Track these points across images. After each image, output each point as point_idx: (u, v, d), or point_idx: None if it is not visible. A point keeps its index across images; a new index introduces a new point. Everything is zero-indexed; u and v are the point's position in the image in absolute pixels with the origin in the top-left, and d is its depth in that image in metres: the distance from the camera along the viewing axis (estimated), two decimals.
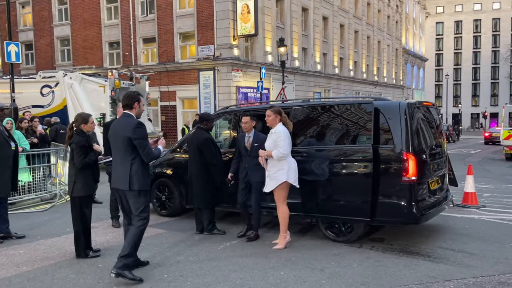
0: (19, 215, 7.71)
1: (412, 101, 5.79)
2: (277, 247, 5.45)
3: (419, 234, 6.07)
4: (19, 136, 8.15)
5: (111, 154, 6.63)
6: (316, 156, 5.70)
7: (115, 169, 4.59)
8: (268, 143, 5.42)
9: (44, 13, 27.76)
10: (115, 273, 4.29)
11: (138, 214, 4.46)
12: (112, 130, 4.69)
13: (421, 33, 59.87)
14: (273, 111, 5.47)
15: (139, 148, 4.39)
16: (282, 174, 5.31)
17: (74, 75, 15.26)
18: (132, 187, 4.41)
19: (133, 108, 4.56)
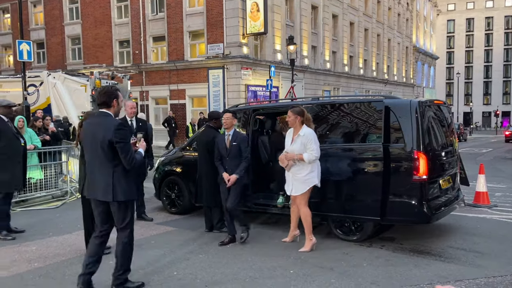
0: (31, 212, 7.80)
1: (423, 100, 5.74)
2: (303, 249, 5.28)
3: (429, 233, 6.02)
4: (31, 134, 8.25)
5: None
6: (325, 154, 5.67)
7: (92, 176, 3.96)
8: (296, 146, 5.21)
9: (55, 12, 28.01)
10: None
11: (124, 226, 3.99)
12: (86, 131, 4.05)
13: (432, 31, 59.29)
14: (294, 111, 5.29)
15: (121, 153, 3.79)
16: (313, 176, 5.19)
17: (57, 75, 15.74)
18: (116, 198, 3.85)
19: (111, 106, 3.96)
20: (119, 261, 4.04)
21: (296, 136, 5.25)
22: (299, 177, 5.21)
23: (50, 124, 9.67)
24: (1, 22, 30.86)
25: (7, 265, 4.90)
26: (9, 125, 6.20)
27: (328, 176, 5.59)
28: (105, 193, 3.86)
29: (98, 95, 4.02)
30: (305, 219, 5.29)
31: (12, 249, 5.51)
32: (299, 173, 5.20)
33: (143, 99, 24.86)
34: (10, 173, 6.01)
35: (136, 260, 4.94)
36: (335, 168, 5.55)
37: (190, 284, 4.31)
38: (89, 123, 4.13)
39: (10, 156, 6.01)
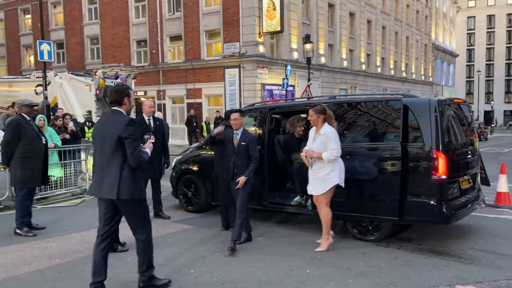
0: (52, 209, 7.96)
1: (443, 98, 5.65)
2: (320, 249, 5.24)
3: (449, 234, 5.93)
4: (51, 132, 8.42)
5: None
6: (343, 154, 5.62)
7: (99, 175, 3.89)
8: (316, 145, 5.15)
9: (75, 12, 28.47)
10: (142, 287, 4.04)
11: (135, 225, 3.98)
12: (97, 129, 4.03)
13: (451, 28, 58.25)
14: (315, 110, 5.19)
15: (128, 149, 3.70)
16: (334, 176, 5.09)
17: (64, 75, 16.24)
18: (120, 196, 3.76)
19: (122, 104, 3.91)
20: (141, 259, 4.06)
21: (317, 135, 5.18)
22: (319, 176, 5.14)
23: (69, 123, 9.83)
24: (22, 22, 31.51)
25: (28, 261, 5.01)
26: (31, 123, 6.34)
27: (345, 176, 5.55)
28: (110, 192, 3.78)
29: (110, 94, 4.03)
30: (324, 219, 5.23)
31: (33, 245, 5.63)
32: (320, 172, 5.13)
33: (160, 98, 25.09)
34: (31, 170, 6.14)
35: (154, 258, 5.00)
36: (352, 168, 5.50)
37: (206, 282, 4.34)
38: (100, 122, 4.14)
39: (32, 154, 6.14)
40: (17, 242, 5.78)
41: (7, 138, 6.15)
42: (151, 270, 4.11)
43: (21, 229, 6.12)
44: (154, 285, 4.10)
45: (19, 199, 6.22)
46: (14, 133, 6.11)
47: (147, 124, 6.88)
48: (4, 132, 6.44)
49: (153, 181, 7.03)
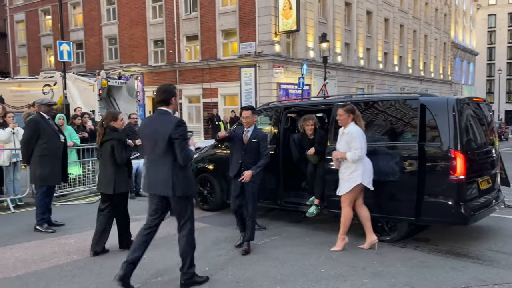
0: (70, 207, 8.11)
1: (461, 97, 5.56)
2: (335, 249, 5.21)
3: (467, 235, 5.83)
4: (70, 131, 8.57)
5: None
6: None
7: (152, 172, 4.11)
8: (340, 144, 5.12)
9: (94, 13, 28.91)
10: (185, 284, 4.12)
11: (184, 222, 4.12)
12: (147, 128, 4.21)
13: (471, 26, 57.19)
14: (346, 110, 5.09)
15: (178, 149, 3.90)
16: (357, 175, 5.01)
17: (69, 75, 16.57)
18: (176, 193, 3.97)
19: (170, 104, 4.09)
20: (183, 257, 4.15)
21: (342, 134, 5.14)
22: (343, 176, 5.12)
23: (88, 121, 9.99)
24: (43, 23, 32.15)
25: (48, 257, 5.11)
26: (50, 122, 6.46)
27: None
28: (165, 188, 3.98)
29: (158, 93, 4.13)
30: (344, 219, 5.18)
31: (53, 242, 5.74)
32: (344, 172, 5.10)
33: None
34: (50, 168, 6.26)
35: (172, 256, 5.06)
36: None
37: (221, 280, 4.36)
38: (149, 120, 4.36)
39: (50, 152, 6.26)
40: (37, 238, 5.91)
41: (26, 137, 6.29)
42: (193, 268, 4.20)
43: (41, 225, 6.25)
44: (196, 282, 4.19)
45: (38, 196, 6.36)
46: (33, 132, 6.23)
47: None
48: (24, 130, 6.59)
49: None
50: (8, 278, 4.45)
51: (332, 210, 6.00)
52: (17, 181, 8.01)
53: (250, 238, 5.30)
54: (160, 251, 5.30)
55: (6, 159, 7.64)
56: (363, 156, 5.01)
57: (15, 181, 7.96)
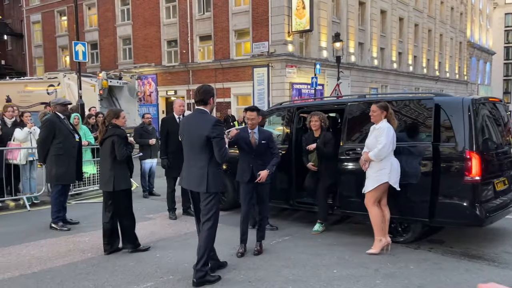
0: (85, 205, 8.22)
1: (477, 97, 5.47)
2: (371, 251, 5.04)
3: (482, 237, 5.74)
4: (85, 130, 8.69)
5: (167, 149, 6.88)
6: None
7: (188, 169, 4.30)
8: (370, 140, 5.03)
9: (108, 14, 29.22)
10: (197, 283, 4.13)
11: (209, 217, 4.25)
12: (185, 126, 4.39)
13: (488, 25, 56.26)
14: (379, 106, 5.00)
15: (216, 147, 4.08)
16: (383, 174, 4.90)
17: (71, 76, 17.11)
18: (209, 190, 4.16)
19: (208, 103, 4.26)
20: (200, 253, 4.20)
21: (373, 129, 5.07)
22: (369, 174, 5.03)
23: None
24: (59, 24, 32.61)
25: (62, 254, 5.19)
26: (65, 122, 6.55)
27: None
28: (200, 185, 4.18)
29: (197, 93, 4.28)
30: (373, 220, 5.05)
31: (67, 239, 5.83)
32: (371, 169, 5.00)
33: (189, 98, 25.40)
34: (65, 167, 6.35)
35: (183, 254, 5.09)
36: None
37: (233, 279, 4.37)
38: (187, 119, 4.50)
39: (66, 151, 6.36)
40: (52, 236, 6.01)
41: (42, 136, 6.39)
42: (207, 267, 4.25)
43: (56, 223, 6.35)
44: (208, 281, 4.21)
45: (54, 195, 6.45)
46: (48, 131, 6.33)
47: (177, 122, 6.99)
48: (40, 130, 6.70)
49: None
50: (24, 275, 4.53)
51: (344, 211, 5.97)
52: (33, 179, 8.16)
53: (262, 237, 5.30)
54: (172, 249, 5.34)
55: (23, 158, 7.78)
56: (387, 152, 4.87)
57: (31, 180, 8.11)
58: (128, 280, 4.37)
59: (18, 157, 7.75)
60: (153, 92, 27.29)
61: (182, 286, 4.22)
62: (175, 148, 6.88)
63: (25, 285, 4.25)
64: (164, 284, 4.27)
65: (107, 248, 5.21)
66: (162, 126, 7.02)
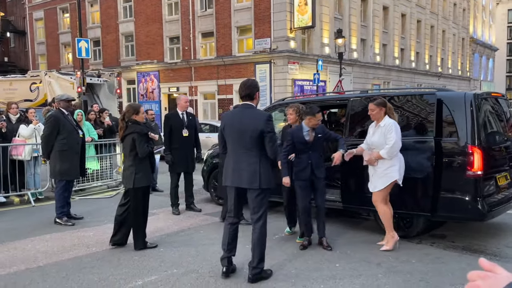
0: (89, 201, 8.27)
1: (479, 92, 5.50)
2: (385, 248, 5.01)
3: (484, 232, 5.77)
4: (88, 127, 8.73)
5: (170, 144, 6.92)
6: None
7: (237, 165, 4.11)
8: (376, 138, 4.93)
9: (111, 10, 29.22)
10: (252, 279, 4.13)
11: (260, 214, 4.15)
12: (233, 122, 4.18)
13: (491, 21, 56.00)
14: (377, 104, 4.93)
15: (269, 142, 3.99)
16: (394, 171, 4.82)
17: (52, 74, 17.39)
18: (261, 185, 4.04)
19: (254, 98, 4.17)
20: (256, 252, 4.14)
21: (377, 127, 4.98)
22: (378, 172, 4.92)
23: (106, 117, 10.14)
24: (61, 21, 32.64)
25: (68, 249, 5.24)
26: (69, 118, 6.60)
27: None
28: (252, 181, 4.04)
29: (243, 88, 4.19)
30: (383, 217, 5.02)
31: (72, 234, 5.88)
32: (379, 168, 4.91)
33: (192, 94, 25.45)
34: (69, 163, 6.40)
35: (187, 249, 5.14)
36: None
37: (238, 273, 4.40)
38: (232, 114, 4.39)
39: (69, 147, 6.40)
40: (57, 230, 6.06)
41: (47, 132, 6.43)
42: (262, 264, 4.19)
43: (61, 218, 6.40)
44: (263, 277, 4.20)
45: (58, 190, 6.51)
46: (53, 127, 6.37)
47: (181, 118, 7.03)
48: (44, 126, 6.74)
49: (186, 174, 7.19)
50: (29, 269, 4.58)
51: (348, 206, 5.99)
52: (37, 175, 8.21)
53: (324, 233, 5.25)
54: (175, 244, 5.39)
55: (27, 154, 7.83)
56: (397, 148, 4.83)
57: (35, 175, 8.16)
58: (132, 273, 4.42)
59: (22, 153, 7.80)
60: (155, 89, 27.33)
61: (186, 279, 4.26)
62: (178, 144, 6.93)
63: (31, 279, 4.30)
64: (168, 277, 4.31)
65: (114, 240, 5.24)
66: (166, 122, 7.06)
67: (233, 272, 4.36)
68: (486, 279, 0.94)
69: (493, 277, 0.94)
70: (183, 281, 4.21)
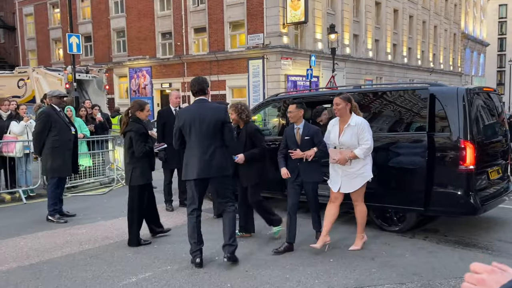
0: (81, 198, 8.22)
1: (471, 87, 5.53)
2: (354, 248, 4.91)
3: (476, 226, 5.82)
4: (80, 123, 8.65)
5: (163, 141, 6.89)
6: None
7: (203, 157, 4.27)
8: (346, 138, 4.68)
9: (102, 6, 28.96)
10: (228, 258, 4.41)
11: (229, 198, 4.52)
12: (194, 116, 4.33)
13: (482, 16, 56.36)
14: (343, 98, 4.70)
15: (229, 132, 4.39)
16: (368, 170, 4.74)
17: (40, 70, 17.36)
18: (227, 172, 4.45)
19: (206, 93, 4.50)
20: (228, 232, 4.46)
21: (346, 126, 4.69)
22: (351, 172, 4.72)
23: (97, 113, 10.07)
24: (52, 16, 32.28)
25: (60, 246, 5.20)
26: (61, 114, 6.53)
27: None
28: (222, 169, 4.36)
29: (195, 84, 4.49)
30: (361, 215, 4.90)
31: (65, 232, 5.84)
32: (351, 168, 4.70)
33: (184, 90, 25.33)
34: (61, 160, 6.34)
35: (181, 245, 5.12)
36: (377, 157, 5.45)
37: (232, 269, 4.40)
38: (191, 110, 4.50)
39: (61, 144, 6.34)
40: (49, 228, 6.01)
41: (38, 129, 6.36)
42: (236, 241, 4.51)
43: (53, 216, 6.35)
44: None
45: (50, 187, 6.45)
46: (44, 124, 6.30)
47: (174, 114, 6.98)
48: (36, 123, 6.67)
49: (179, 171, 7.13)
50: (22, 267, 4.54)
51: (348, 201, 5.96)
52: (29, 172, 8.13)
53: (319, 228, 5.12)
54: (169, 240, 5.37)
55: (19, 151, 7.75)
56: (372, 148, 4.71)
57: (27, 173, 8.09)
58: (126, 270, 4.40)
59: (14, 150, 7.72)
60: (147, 85, 27.18)
61: (180, 276, 4.25)
62: (171, 140, 6.87)
63: (23, 277, 4.27)
64: (162, 274, 4.30)
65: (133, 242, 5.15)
66: (159, 118, 7.01)
67: None
68: (493, 274, 0.91)
69: (500, 272, 0.90)
70: (178, 278, 4.20)
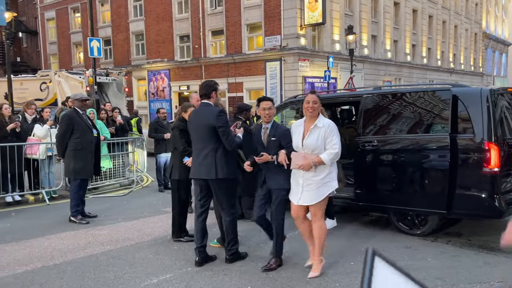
0: (102, 199, 8.34)
1: (495, 87, 5.41)
2: (313, 275, 4.19)
3: (501, 230, 5.64)
4: (100, 125, 8.78)
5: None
6: (389, 145, 5.52)
7: (197, 159, 4.48)
8: (311, 140, 4.06)
9: (121, 10, 29.39)
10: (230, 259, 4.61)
11: (226, 204, 4.47)
12: (193, 120, 4.61)
13: (504, 15, 55.15)
14: (318, 96, 4.25)
15: (222, 136, 4.30)
16: (333, 178, 4.13)
17: (62, 74, 17.67)
18: (218, 175, 4.33)
19: (210, 97, 4.53)
20: (229, 236, 4.57)
21: (312, 127, 4.10)
22: (315, 181, 4.05)
23: (118, 116, 10.21)
24: (73, 21, 32.91)
25: (83, 247, 5.29)
26: (84, 117, 6.64)
27: (391, 168, 5.45)
28: (209, 172, 4.37)
29: (201, 88, 4.64)
30: (321, 235, 4.18)
31: (87, 232, 5.93)
32: (316, 175, 4.05)
33: None
34: (83, 162, 6.45)
35: (177, 252, 5.13)
36: (398, 160, 5.39)
37: (253, 271, 4.39)
38: (195, 113, 4.68)
39: (84, 146, 6.45)
40: (71, 229, 6.12)
41: (61, 131, 6.49)
42: (236, 246, 4.64)
43: (75, 217, 6.46)
44: (240, 257, 4.67)
45: (73, 189, 6.56)
46: (67, 126, 6.43)
47: None
48: (59, 125, 6.80)
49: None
50: (46, 267, 4.63)
51: (363, 203, 5.91)
52: (51, 174, 8.30)
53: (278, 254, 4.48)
54: (189, 242, 5.40)
55: (42, 153, 7.92)
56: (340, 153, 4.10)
57: (50, 174, 8.25)
58: (147, 271, 4.44)
59: (37, 152, 7.89)
60: (166, 87, 27.43)
61: (200, 277, 4.27)
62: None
63: (47, 277, 4.35)
64: (182, 275, 4.32)
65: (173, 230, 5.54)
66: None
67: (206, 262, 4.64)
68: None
69: None
70: (198, 279, 4.22)
